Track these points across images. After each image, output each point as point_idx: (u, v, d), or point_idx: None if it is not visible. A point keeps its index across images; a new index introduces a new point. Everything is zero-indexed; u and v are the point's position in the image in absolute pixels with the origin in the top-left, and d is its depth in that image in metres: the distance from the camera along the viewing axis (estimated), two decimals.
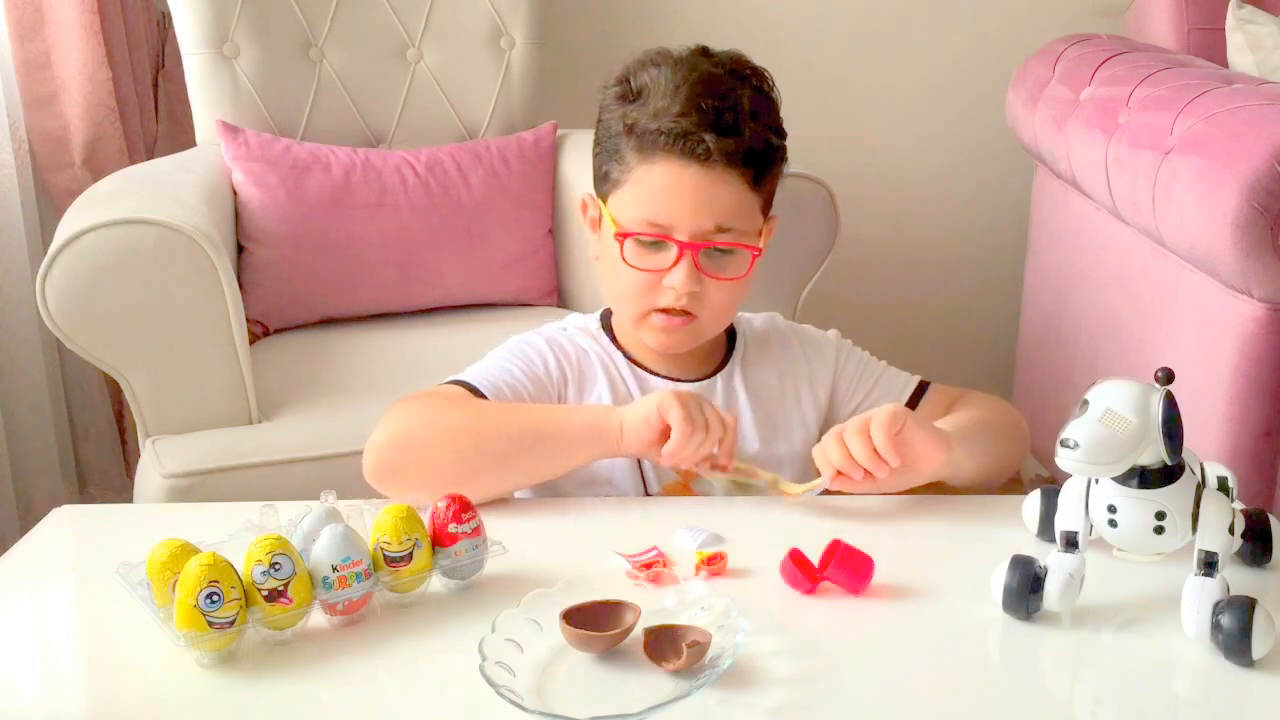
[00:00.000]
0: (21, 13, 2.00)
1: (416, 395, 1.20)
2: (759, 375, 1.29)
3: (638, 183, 1.18)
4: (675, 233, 1.17)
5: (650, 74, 1.19)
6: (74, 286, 1.50)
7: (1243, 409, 1.52)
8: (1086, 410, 0.88)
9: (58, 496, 2.06)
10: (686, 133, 1.15)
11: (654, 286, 1.19)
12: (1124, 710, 0.88)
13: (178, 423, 1.58)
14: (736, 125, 1.16)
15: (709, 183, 1.16)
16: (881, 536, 1.05)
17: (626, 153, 1.19)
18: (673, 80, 1.17)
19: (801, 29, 2.46)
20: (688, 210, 1.17)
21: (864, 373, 1.31)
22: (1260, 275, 1.46)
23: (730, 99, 1.17)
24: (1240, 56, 2.00)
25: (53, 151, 2.06)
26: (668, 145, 1.16)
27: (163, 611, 0.90)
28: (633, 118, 1.18)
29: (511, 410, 1.18)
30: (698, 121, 1.15)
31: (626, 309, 1.24)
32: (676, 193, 1.17)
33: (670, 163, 1.16)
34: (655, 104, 1.17)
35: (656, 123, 1.16)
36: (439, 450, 1.12)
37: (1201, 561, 0.90)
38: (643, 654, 0.87)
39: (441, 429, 1.14)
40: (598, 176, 1.25)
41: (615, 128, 1.20)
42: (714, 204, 1.17)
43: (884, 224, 2.54)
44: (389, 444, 1.14)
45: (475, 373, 1.23)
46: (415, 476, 1.12)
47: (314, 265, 1.91)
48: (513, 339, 1.29)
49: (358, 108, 2.09)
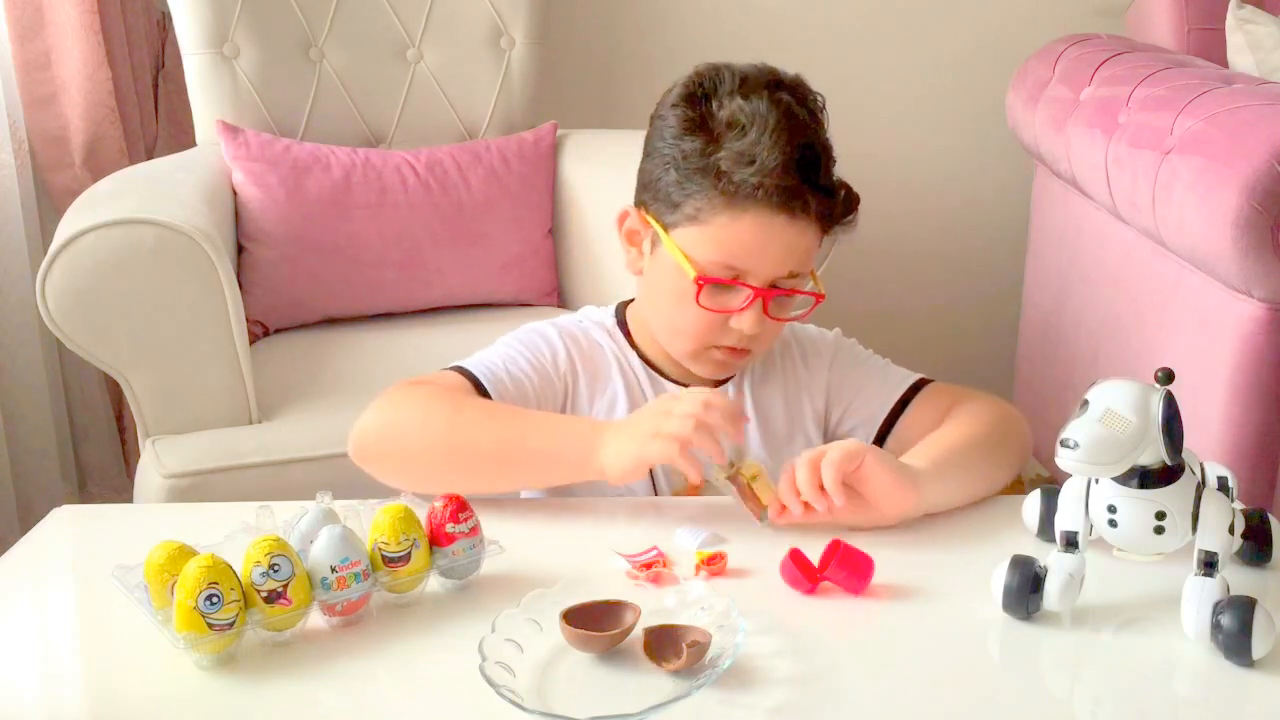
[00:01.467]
0: (21, 13, 2.00)
1: (414, 381, 1.18)
2: (765, 396, 1.27)
3: (722, 228, 1.15)
4: (750, 278, 1.16)
5: (732, 108, 1.15)
6: (74, 287, 1.50)
7: (1243, 409, 1.52)
8: (1086, 410, 0.88)
9: (58, 496, 2.06)
10: (788, 189, 1.12)
11: (720, 326, 1.18)
12: (1124, 710, 0.88)
13: (178, 423, 1.58)
14: (830, 184, 1.16)
15: (794, 234, 1.15)
16: (881, 536, 1.05)
17: (711, 194, 1.14)
18: (762, 121, 1.13)
19: (801, 29, 2.46)
20: (769, 260, 1.16)
21: (859, 372, 1.29)
22: (1260, 275, 1.46)
23: (821, 149, 1.16)
24: (1240, 56, 2.00)
25: (53, 151, 2.06)
26: (764, 199, 1.13)
27: (161, 614, 0.90)
28: (725, 163, 1.13)
29: (493, 419, 1.13)
30: (799, 179, 1.13)
31: (684, 343, 1.22)
32: (763, 244, 1.15)
33: (762, 215, 1.14)
34: (749, 150, 1.12)
35: (756, 176, 1.12)
36: (412, 448, 1.12)
37: (1201, 561, 0.90)
38: (643, 654, 0.87)
39: (419, 426, 1.12)
40: (661, 200, 1.19)
41: (695, 162, 1.15)
42: (793, 254, 1.16)
43: (884, 224, 2.52)
44: (370, 429, 1.14)
45: (480, 361, 1.22)
46: (390, 467, 1.11)
47: (314, 265, 1.91)
48: (525, 326, 1.27)
49: (358, 108, 2.09)
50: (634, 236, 1.24)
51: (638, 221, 1.23)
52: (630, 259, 1.26)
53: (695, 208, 1.16)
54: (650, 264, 1.23)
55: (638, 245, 1.24)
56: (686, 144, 1.16)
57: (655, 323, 1.25)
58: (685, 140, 1.16)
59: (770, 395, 1.28)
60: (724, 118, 1.15)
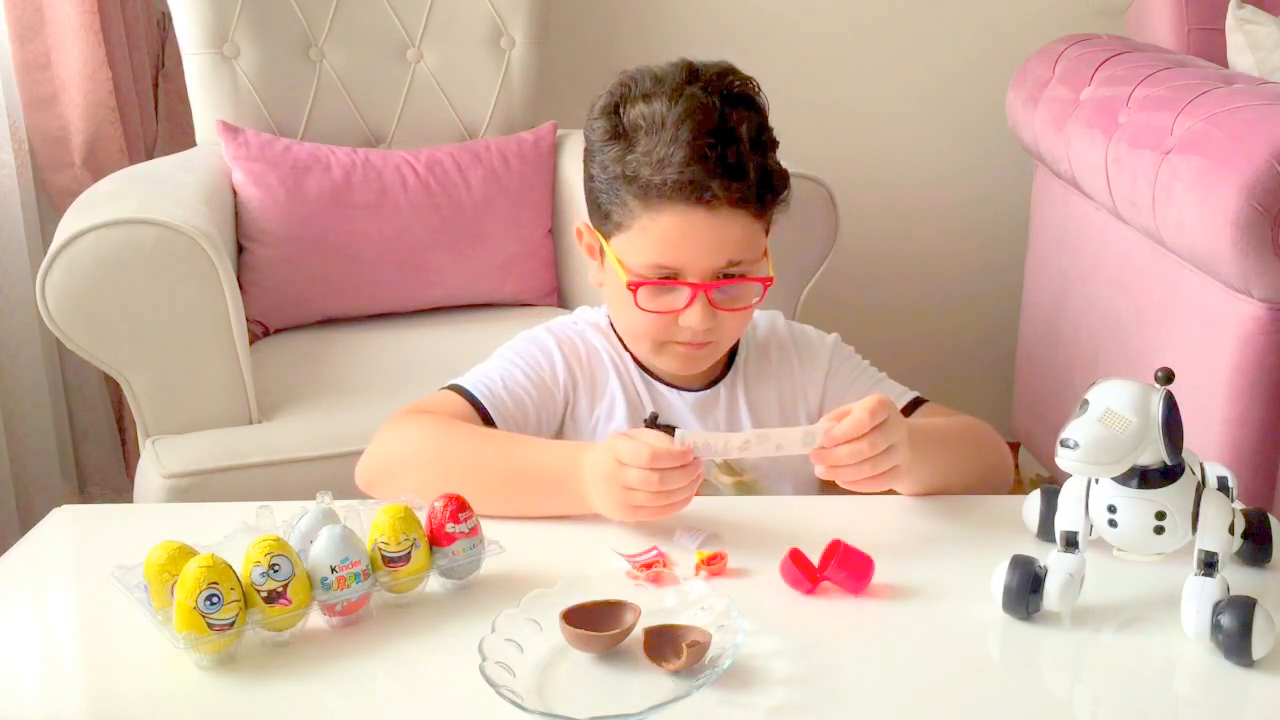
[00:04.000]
0: (21, 13, 2.00)
1: (414, 410, 1.18)
2: (759, 395, 1.28)
3: (644, 230, 1.16)
4: (686, 275, 1.16)
5: (641, 110, 1.16)
6: (74, 286, 1.50)
7: (1243, 409, 1.52)
8: (1086, 410, 0.88)
9: (58, 496, 2.06)
10: (692, 182, 1.12)
11: (669, 325, 1.19)
12: (1124, 710, 0.88)
13: (178, 423, 1.58)
14: (741, 165, 1.14)
15: (717, 225, 1.15)
16: (881, 536, 1.05)
17: (628, 199, 1.16)
18: (668, 119, 1.14)
19: (801, 29, 2.46)
20: (697, 254, 1.16)
21: (857, 379, 1.29)
22: (1260, 275, 1.46)
23: (730, 136, 1.14)
24: (1240, 56, 2.00)
25: (53, 151, 2.06)
26: (673, 196, 1.13)
27: (161, 614, 0.90)
28: (633, 167, 1.15)
29: (485, 454, 1.12)
30: (703, 170, 1.12)
31: (641, 344, 1.23)
32: (685, 239, 1.15)
33: (676, 211, 1.14)
34: (655, 151, 1.13)
35: (660, 175, 1.13)
36: (410, 480, 1.11)
37: (1201, 561, 0.90)
38: (643, 654, 0.87)
39: (414, 461, 1.14)
40: (596, 212, 1.22)
41: (613, 170, 1.17)
42: (723, 244, 1.16)
43: (884, 224, 2.54)
44: (372, 462, 1.17)
45: (479, 379, 1.22)
46: (391, 497, 1.11)
47: (314, 265, 1.91)
48: (521, 336, 1.27)
49: (358, 108, 2.09)
50: (591, 250, 1.26)
51: (588, 236, 1.26)
52: (592, 272, 1.27)
53: (621, 215, 1.18)
54: (605, 274, 1.24)
55: (595, 257, 1.26)
56: (606, 154, 1.18)
57: (618, 328, 1.27)
58: (606, 150, 1.19)
59: (765, 395, 1.28)
60: (631, 123, 1.17)
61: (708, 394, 1.27)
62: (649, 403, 1.24)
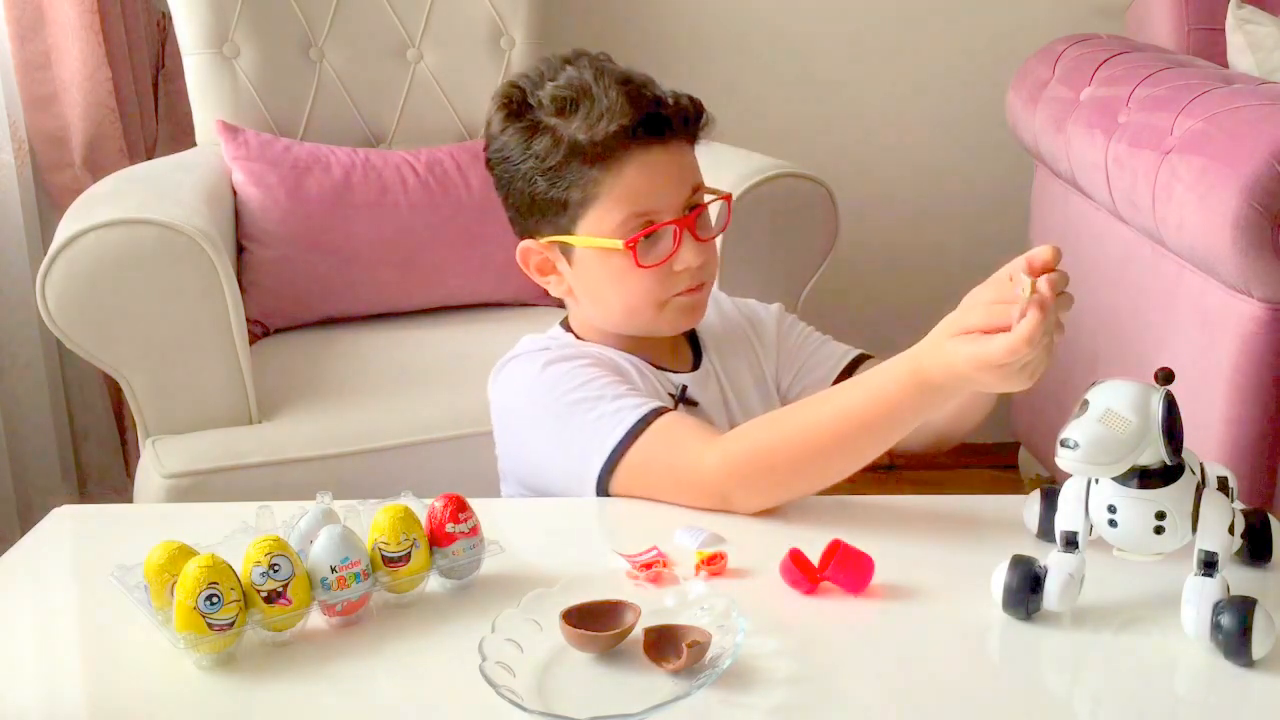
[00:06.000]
0: (21, 13, 2.00)
1: (679, 441, 1.12)
2: (733, 369, 1.30)
3: (612, 190, 1.17)
4: (663, 215, 1.18)
5: (554, 90, 1.17)
6: (74, 287, 1.50)
7: (1243, 409, 1.52)
8: (1086, 410, 0.88)
9: (58, 496, 2.06)
10: (642, 121, 1.15)
11: (667, 278, 1.19)
12: (1124, 710, 0.88)
13: (178, 423, 1.58)
14: (667, 96, 1.19)
15: (675, 155, 1.19)
16: (881, 536, 1.05)
17: (587, 169, 1.16)
18: (588, 81, 1.17)
19: (801, 29, 2.46)
20: (669, 189, 1.18)
21: (804, 342, 1.33)
22: (1260, 275, 1.46)
23: (642, 79, 1.19)
24: (1240, 56, 2.00)
25: (53, 151, 2.06)
26: (627, 141, 1.15)
27: (161, 614, 0.90)
28: (578, 136, 1.15)
29: (818, 423, 1.07)
30: (645, 108, 1.16)
31: (645, 313, 1.21)
32: (654, 178, 1.17)
33: (637, 156, 1.16)
34: (592, 109, 1.15)
35: (612, 125, 1.14)
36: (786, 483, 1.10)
37: (1201, 561, 0.90)
38: (643, 654, 0.87)
39: (777, 461, 1.09)
40: (548, 213, 1.20)
41: (556, 156, 1.17)
42: (685, 173, 1.20)
43: (884, 224, 2.54)
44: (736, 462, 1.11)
45: (627, 407, 1.13)
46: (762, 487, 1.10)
47: (314, 265, 1.91)
48: (559, 377, 1.17)
49: (358, 108, 2.09)
50: (544, 266, 1.25)
51: (538, 251, 1.24)
52: (552, 287, 1.26)
53: (582, 192, 1.18)
54: (575, 275, 1.23)
55: (552, 271, 1.25)
56: (537, 148, 1.18)
57: (610, 320, 1.24)
58: (533, 146, 1.18)
59: (738, 368, 1.30)
60: (551, 105, 1.18)
61: (700, 373, 1.27)
62: (661, 386, 1.24)
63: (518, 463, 1.24)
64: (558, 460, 1.17)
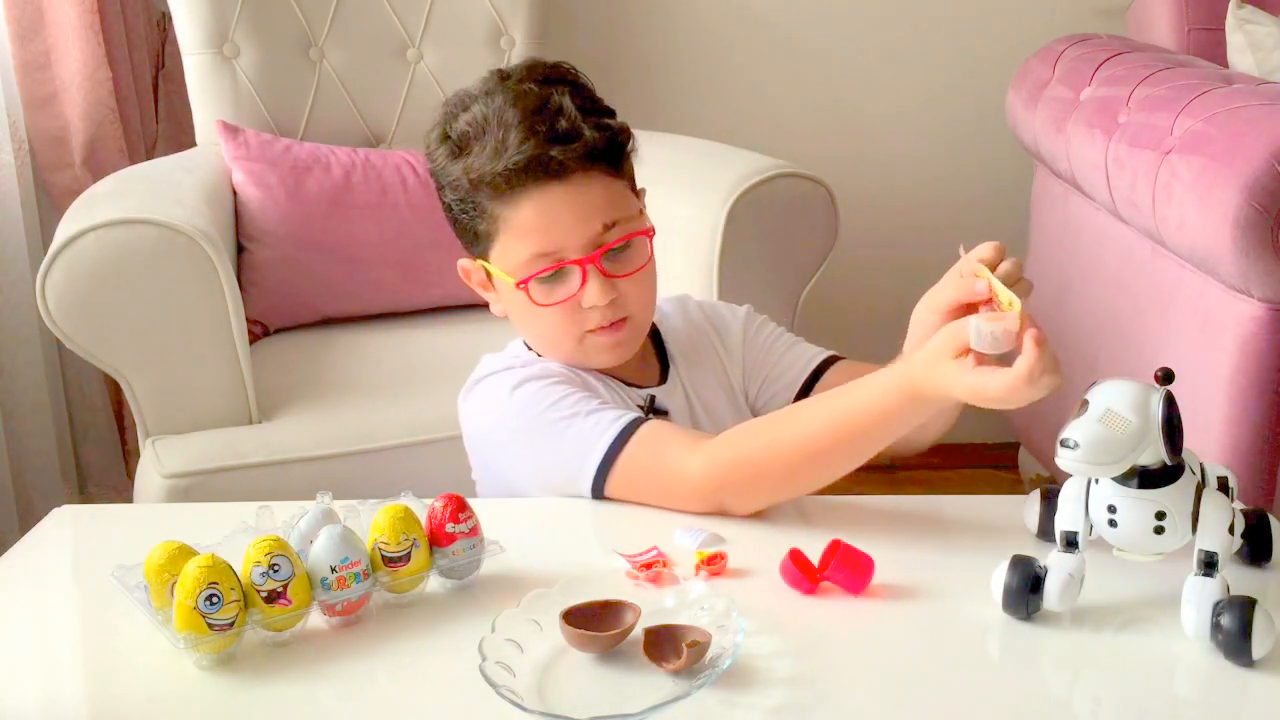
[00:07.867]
0: (21, 13, 2.00)
1: (666, 450, 1.12)
2: (700, 382, 1.28)
3: (510, 227, 1.16)
4: (568, 253, 1.15)
5: (465, 119, 1.17)
6: (74, 287, 1.50)
7: (1243, 409, 1.52)
8: (1086, 410, 0.88)
9: (58, 496, 2.06)
10: (533, 158, 1.12)
11: (574, 313, 1.17)
12: (1124, 710, 0.88)
13: (178, 423, 1.58)
14: (575, 130, 1.14)
15: (576, 192, 1.14)
16: (881, 536, 1.05)
17: (485, 204, 1.16)
18: (491, 115, 1.15)
19: (801, 29, 2.46)
20: (569, 228, 1.15)
21: (774, 343, 1.31)
22: (1260, 275, 1.46)
23: (555, 109, 1.15)
24: (1240, 56, 2.00)
25: (53, 151, 2.06)
26: (521, 179, 1.13)
27: (161, 614, 0.90)
28: (477, 171, 1.15)
29: (806, 428, 1.09)
30: (538, 143, 1.12)
31: (560, 346, 1.20)
32: (550, 217, 1.15)
33: (532, 194, 1.14)
34: (489, 146, 1.14)
35: (503, 163, 1.13)
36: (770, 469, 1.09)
37: (1201, 561, 0.90)
38: (643, 654, 0.87)
39: (763, 469, 1.10)
40: (467, 240, 1.22)
41: (463, 186, 1.17)
42: (589, 211, 1.15)
43: (884, 224, 2.53)
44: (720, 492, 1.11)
45: (601, 424, 1.13)
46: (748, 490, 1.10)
47: (314, 265, 1.91)
48: (526, 393, 1.17)
49: (358, 108, 2.09)
50: (484, 285, 1.25)
51: (474, 272, 1.25)
52: (493, 305, 1.26)
53: (486, 225, 1.17)
54: (499, 300, 1.24)
55: (491, 288, 1.25)
56: (451, 176, 1.18)
57: (536, 347, 1.24)
58: (449, 173, 1.18)
59: (704, 379, 1.29)
60: (460, 134, 1.17)
61: (667, 387, 1.26)
62: (630, 401, 1.23)
63: (498, 488, 1.22)
64: (539, 481, 1.17)
